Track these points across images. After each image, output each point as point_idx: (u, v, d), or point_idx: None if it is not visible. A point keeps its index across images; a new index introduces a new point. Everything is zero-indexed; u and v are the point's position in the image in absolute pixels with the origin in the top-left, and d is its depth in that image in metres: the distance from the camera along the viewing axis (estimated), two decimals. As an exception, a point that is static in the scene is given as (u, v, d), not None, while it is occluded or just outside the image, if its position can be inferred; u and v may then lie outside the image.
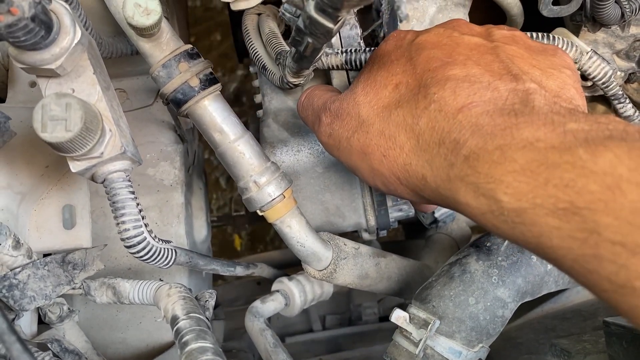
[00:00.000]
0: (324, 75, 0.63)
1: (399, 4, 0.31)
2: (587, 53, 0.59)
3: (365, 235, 0.72)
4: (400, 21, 0.33)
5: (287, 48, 0.55)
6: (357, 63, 0.57)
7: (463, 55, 0.42)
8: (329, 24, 0.37)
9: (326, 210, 0.63)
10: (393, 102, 0.43)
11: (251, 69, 0.66)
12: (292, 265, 1.15)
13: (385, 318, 1.11)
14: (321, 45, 0.42)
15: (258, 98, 0.64)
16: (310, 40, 0.41)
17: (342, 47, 0.60)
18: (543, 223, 0.30)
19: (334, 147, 0.48)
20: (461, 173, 0.35)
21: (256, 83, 0.64)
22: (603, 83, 0.60)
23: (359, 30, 0.60)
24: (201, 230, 0.80)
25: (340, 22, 0.37)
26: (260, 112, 0.63)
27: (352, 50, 0.57)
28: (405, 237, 1.33)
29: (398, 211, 0.65)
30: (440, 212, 0.70)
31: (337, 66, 0.58)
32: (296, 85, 0.56)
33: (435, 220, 0.72)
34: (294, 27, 0.42)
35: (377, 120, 0.44)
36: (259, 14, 0.61)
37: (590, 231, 0.28)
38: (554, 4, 0.58)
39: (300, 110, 0.54)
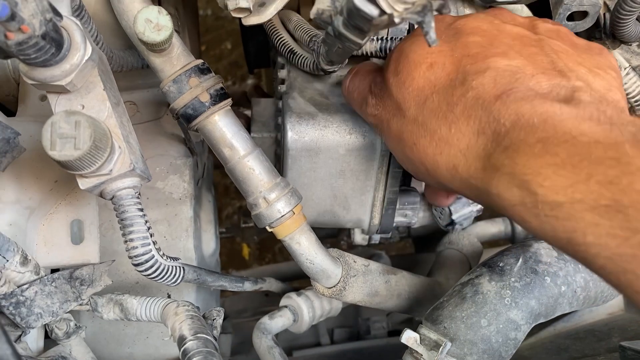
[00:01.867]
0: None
1: (427, 29, 0.30)
2: (625, 69, 0.58)
3: (358, 238, 0.70)
4: (429, 46, 0.33)
5: (320, 32, 0.53)
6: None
7: (505, 44, 0.40)
8: (358, 40, 0.36)
9: (333, 198, 0.61)
10: (428, 86, 0.41)
11: (279, 59, 0.63)
12: (300, 277, 1.14)
13: (394, 332, 1.10)
14: (352, 51, 0.42)
15: (282, 73, 0.61)
16: (340, 45, 0.41)
17: (387, 35, 0.57)
18: (580, 218, 0.30)
19: (377, 127, 0.48)
20: (498, 163, 0.35)
21: (282, 74, 0.61)
22: (636, 101, 0.59)
23: (407, 25, 0.58)
24: (210, 244, 0.79)
25: (368, 37, 0.37)
26: (282, 87, 0.60)
27: (388, 39, 0.54)
28: (415, 251, 1.32)
29: (402, 216, 0.64)
30: (459, 214, 0.68)
31: (372, 53, 0.56)
32: (329, 72, 0.55)
33: (452, 222, 0.69)
34: (324, 31, 0.41)
35: (412, 105, 0.42)
36: None
37: (633, 230, 0.27)
38: (568, 19, 0.57)
39: (346, 93, 0.53)
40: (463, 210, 0.66)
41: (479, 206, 0.68)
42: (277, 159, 0.63)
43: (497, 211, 0.36)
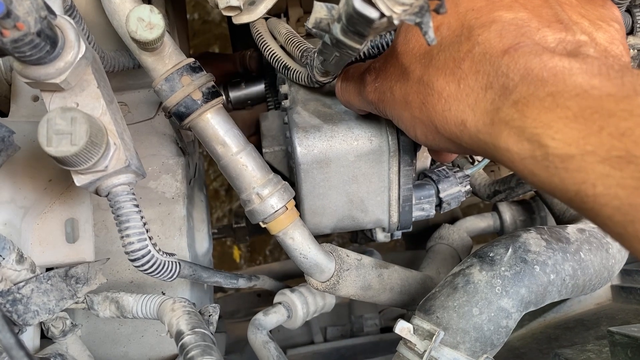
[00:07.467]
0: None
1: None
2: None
3: (380, 236, 0.71)
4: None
5: (310, 45, 0.54)
6: (382, 46, 0.55)
7: None
8: (356, 45, 0.37)
9: (350, 203, 0.62)
10: (434, 46, 0.41)
11: (279, 74, 0.63)
12: (292, 277, 1.15)
13: (386, 329, 1.11)
14: (349, 58, 0.42)
15: (284, 88, 0.62)
16: (337, 53, 0.41)
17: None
18: (590, 170, 0.30)
19: (379, 101, 0.47)
20: (507, 117, 0.35)
21: (284, 89, 0.62)
22: None
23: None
24: (203, 243, 0.80)
25: (367, 42, 0.37)
26: (286, 102, 0.61)
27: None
28: (406, 248, 1.33)
29: (420, 210, 0.64)
30: (446, 192, 0.68)
31: (367, 54, 0.56)
32: (325, 84, 0.55)
33: (440, 201, 0.69)
34: (321, 41, 0.42)
35: (417, 66, 0.42)
36: (266, 18, 0.60)
37: None
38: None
39: (341, 90, 0.53)
40: (451, 189, 0.66)
41: (468, 186, 0.68)
42: (291, 170, 0.63)
43: (505, 166, 0.36)
